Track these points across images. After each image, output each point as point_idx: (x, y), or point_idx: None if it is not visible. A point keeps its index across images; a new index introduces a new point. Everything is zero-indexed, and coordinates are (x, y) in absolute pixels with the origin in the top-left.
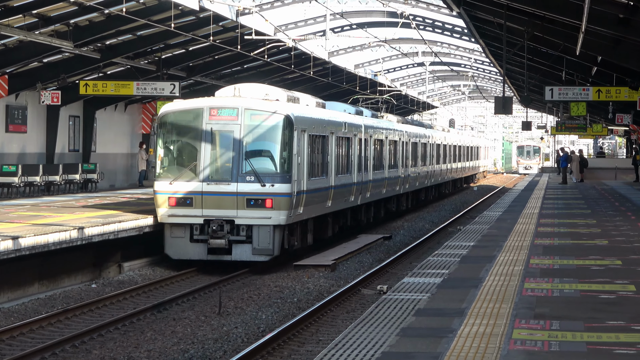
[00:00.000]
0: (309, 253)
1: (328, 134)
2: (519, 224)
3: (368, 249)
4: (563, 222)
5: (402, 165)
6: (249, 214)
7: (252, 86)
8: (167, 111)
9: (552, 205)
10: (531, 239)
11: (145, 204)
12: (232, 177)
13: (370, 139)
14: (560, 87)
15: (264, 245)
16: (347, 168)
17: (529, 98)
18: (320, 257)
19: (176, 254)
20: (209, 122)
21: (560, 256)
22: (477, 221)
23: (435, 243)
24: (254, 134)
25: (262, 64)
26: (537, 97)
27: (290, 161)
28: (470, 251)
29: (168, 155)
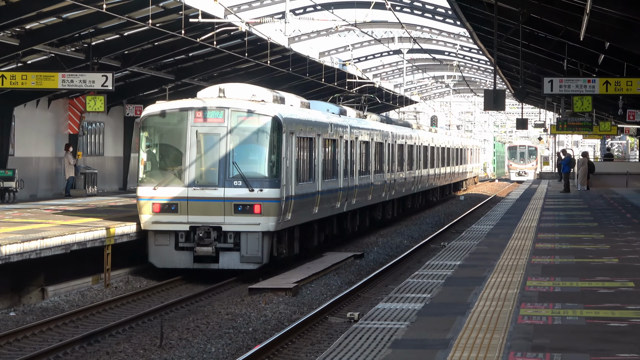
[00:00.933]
0: (295, 263)
1: (315, 136)
2: (513, 240)
3: (336, 269)
4: (565, 237)
5: (388, 169)
6: (236, 220)
7: (237, 86)
8: (149, 113)
9: (553, 218)
10: (528, 257)
11: (73, 215)
12: (218, 181)
13: (356, 140)
14: (562, 79)
15: (253, 252)
16: (333, 172)
17: (524, 91)
18: (280, 280)
19: (160, 262)
20: (194, 125)
21: (562, 277)
22: (464, 236)
23: (415, 262)
24: (242, 136)
25: (211, 52)
26: (534, 90)
27: (279, 165)
28: (457, 272)
29: (151, 160)
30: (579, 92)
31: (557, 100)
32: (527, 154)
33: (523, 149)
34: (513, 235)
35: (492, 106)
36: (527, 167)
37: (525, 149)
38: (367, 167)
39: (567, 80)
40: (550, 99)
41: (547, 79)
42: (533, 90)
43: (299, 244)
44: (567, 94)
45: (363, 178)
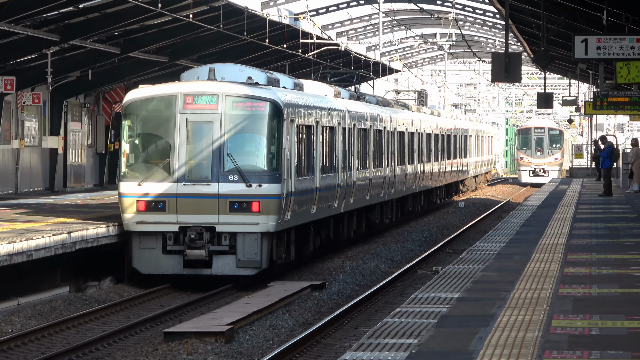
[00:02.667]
0: (291, 272)
1: (313, 123)
2: (533, 263)
3: (286, 304)
4: (606, 258)
5: (387, 163)
6: (232, 219)
7: (231, 67)
8: (132, 99)
9: (588, 232)
10: (553, 287)
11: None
12: (212, 176)
13: (354, 128)
14: (600, 37)
15: (251, 256)
16: (331, 166)
17: (548, 55)
18: (208, 320)
19: (146, 268)
20: (183, 112)
21: (601, 315)
22: (464, 258)
23: (397, 295)
24: (237, 124)
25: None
26: (561, 53)
27: (279, 157)
28: (454, 307)
29: (135, 151)
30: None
31: (594, 67)
32: (546, 140)
33: (541, 132)
34: (533, 256)
35: (502, 76)
36: (548, 161)
37: (545, 134)
38: (365, 159)
39: (608, 40)
40: (584, 66)
41: (580, 37)
42: (560, 54)
43: (295, 249)
44: (608, 58)
45: (361, 172)
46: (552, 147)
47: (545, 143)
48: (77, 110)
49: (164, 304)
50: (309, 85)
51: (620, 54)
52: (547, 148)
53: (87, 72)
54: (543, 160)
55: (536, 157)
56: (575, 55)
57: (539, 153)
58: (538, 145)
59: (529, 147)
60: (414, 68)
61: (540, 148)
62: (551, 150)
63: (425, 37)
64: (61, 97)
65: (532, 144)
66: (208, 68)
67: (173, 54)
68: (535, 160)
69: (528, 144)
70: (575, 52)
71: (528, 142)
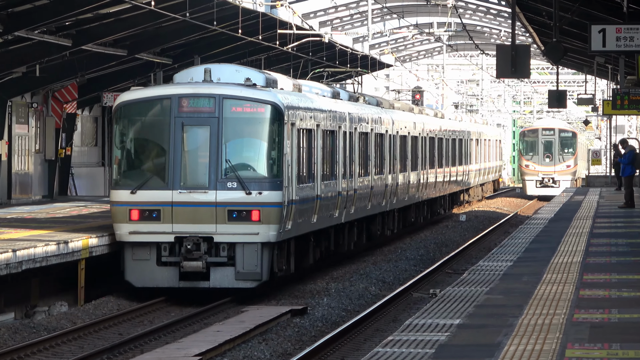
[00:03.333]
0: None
1: (314, 126)
2: (544, 284)
3: (263, 332)
4: (627, 279)
5: (390, 170)
6: (231, 229)
7: (228, 67)
8: (124, 101)
9: (607, 249)
10: (568, 312)
11: None
12: (209, 183)
13: (355, 132)
14: (619, 27)
15: (250, 268)
16: (332, 173)
17: (561, 47)
18: (173, 350)
19: (139, 280)
20: (178, 115)
21: (621, 344)
22: (465, 279)
23: (390, 321)
24: (236, 129)
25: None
26: (576, 45)
27: (280, 162)
28: (455, 336)
29: (128, 158)
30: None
31: (613, 61)
32: (557, 144)
33: (550, 135)
34: (544, 277)
35: (509, 71)
36: (559, 169)
37: (555, 136)
38: (366, 165)
39: (629, 30)
40: (601, 59)
41: (597, 27)
42: (575, 46)
43: (295, 262)
44: (629, 50)
45: (362, 180)
46: (564, 152)
47: (556, 147)
48: (22, 111)
49: (123, 332)
50: (307, 85)
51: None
52: (557, 153)
53: (35, 68)
54: (553, 168)
55: (544, 164)
56: (591, 48)
57: (548, 159)
58: (547, 150)
59: (536, 152)
60: (408, 62)
61: (549, 153)
62: (562, 156)
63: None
64: (4, 96)
65: (539, 148)
66: (204, 69)
67: (133, 47)
68: (543, 169)
69: (535, 148)
70: (592, 43)
71: (535, 146)
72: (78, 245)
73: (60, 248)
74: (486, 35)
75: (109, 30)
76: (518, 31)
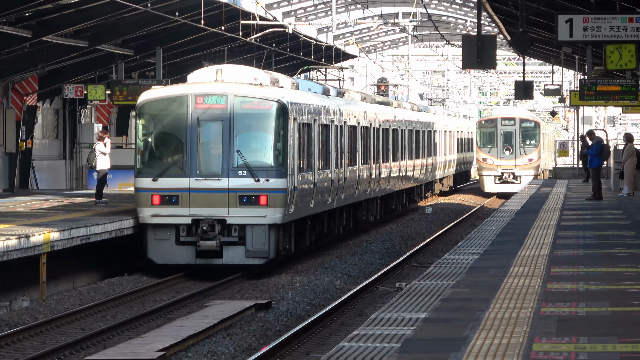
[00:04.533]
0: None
1: (312, 121)
2: (511, 277)
3: (227, 327)
4: (594, 272)
5: (373, 160)
6: (241, 212)
7: (236, 68)
8: (146, 99)
9: (575, 241)
10: (535, 305)
11: None
12: (222, 171)
13: (344, 125)
14: (587, 17)
15: (259, 246)
16: (326, 163)
17: (527, 37)
18: (137, 345)
19: (160, 258)
20: (194, 111)
21: (589, 337)
22: (432, 273)
23: (355, 315)
24: (246, 123)
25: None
26: (543, 35)
27: (285, 153)
28: (421, 330)
29: (149, 149)
30: (615, 38)
31: (581, 51)
32: (518, 136)
33: (510, 125)
34: (511, 270)
35: (475, 62)
36: (520, 163)
37: (515, 126)
38: (354, 156)
39: (596, 20)
40: (569, 49)
41: (564, 17)
42: (541, 36)
43: (295, 242)
44: (597, 41)
45: (350, 170)
46: (526, 144)
47: (516, 139)
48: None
49: (86, 328)
50: (302, 83)
51: (611, 35)
52: (518, 146)
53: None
54: (513, 162)
55: (504, 157)
56: (558, 38)
57: (508, 152)
58: (506, 141)
59: (495, 144)
60: (373, 53)
61: (509, 146)
62: (524, 148)
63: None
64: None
65: (498, 140)
66: (215, 69)
67: (94, 38)
68: (502, 162)
69: (493, 140)
70: (559, 33)
71: (493, 137)
72: (39, 239)
73: (21, 242)
74: (452, 25)
75: (69, 22)
76: (484, 21)
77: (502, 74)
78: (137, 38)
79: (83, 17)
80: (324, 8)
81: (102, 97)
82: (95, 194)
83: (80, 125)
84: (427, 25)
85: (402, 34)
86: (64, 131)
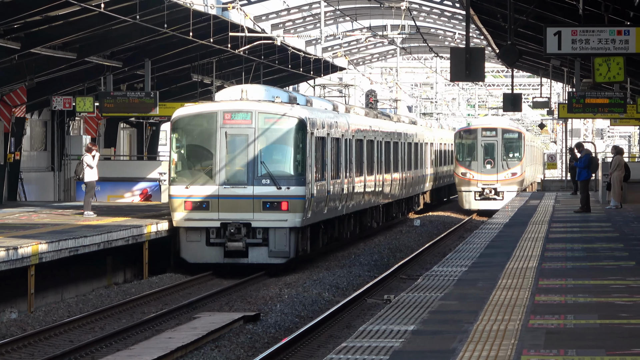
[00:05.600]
0: (243, 290)
1: (325, 135)
2: (499, 290)
3: (215, 339)
4: (582, 284)
5: (377, 170)
6: (265, 216)
7: (259, 88)
8: (180, 115)
9: (563, 254)
10: (523, 317)
11: None
12: (248, 180)
13: (352, 139)
14: (575, 30)
15: (281, 247)
16: (337, 173)
17: (515, 50)
18: (124, 358)
19: (192, 257)
20: (223, 126)
21: (577, 350)
22: (420, 285)
23: (343, 327)
24: (268, 137)
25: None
26: (531, 48)
27: (304, 164)
28: (409, 342)
29: (182, 160)
30: (604, 50)
31: (569, 64)
32: (500, 148)
33: (492, 137)
34: (499, 282)
35: (463, 74)
36: (502, 178)
37: (497, 137)
38: (361, 167)
39: (585, 32)
40: (557, 62)
41: (552, 29)
42: (530, 49)
43: (310, 244)
44: (585, 53)
45: (358, 179)
46: (509, 157)
47: (498, 152)
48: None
49: (74, 339)
50: (315, 100)
51: (599, 48)
52: (500, 159)
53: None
54: (495, 176)
55: (485, 172)
56: (547, 50)
57: (489, 166)
58: (488, 154)
59: (474, 157)
60: (361, 65)
61: (490, 159)
62: (507, 162)
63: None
64: None
65: (478, 153)
66: (240, 89)
67: (82, 50)
68: (483, 177)
69: (473, 153)
70: (547, 46)
71: (473, 150)
72: (28, 251)
73: (10, 254)
74: (440, 37)
75: (58, 33)
76: (472, 34)
77: (491, 87)
78: (126, 50)
79: (72, 29)
80: (312, 20)
81: (90, 109)
82: (84, 206)
83: (69, 137)
84: (416, 38)
85: (390, 46)
86: (52, 143)
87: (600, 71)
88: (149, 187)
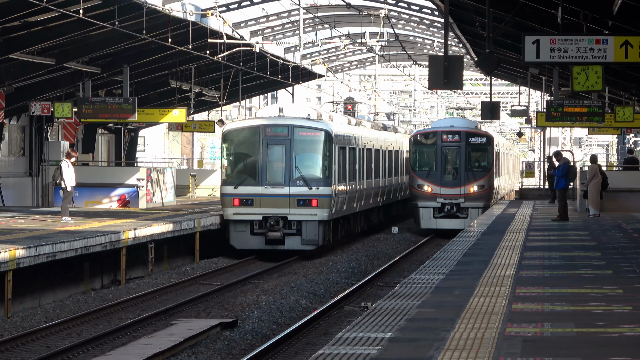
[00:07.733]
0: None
1: (345, 145)
2: (476, 297)
3: (192, 345)
4: (560, 293)
5: (382, 174)
6: (298, 211)
7: (294, 106)
8: (230, 129)
9: (540, 262)
10: (500, 326)
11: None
12: (284, 181)
13: (364, 148)
14: (553, 38)
15: (311, 236)
16: (353, 176)
17: (493, 58)
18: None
19: (239, 244)
20: (264, 138)
21: (554, 357)
22: (397, 292)
23: (321, 334)
24: (301, 146)
25: None
26: (510, 56)
27: (330, 169)
28: (386, 349)
29: (231, 165)
30: (582, 59)
31: (547, 72)
32: (463, 155)
33: (453, 141)
34: (476, 290)
35: (441, 82)
36: (466, 192)
37: (461, 143)
38: (370, 171)
39: (563, 41)
40: (535, 70)
41: (531, 38)
42: (508, 57)
43: (332, 235)
44: (563, 62)
45: (369, 182)
46: (474, 166)
47: (462, 160)
48: None
49: (51, 345)
50: (335, 115)
51: (577, 57)
52: (464, 169)
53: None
54: (458, 190)
55: (446, 184)
56: (525, 59)
57: (451, 177)
58: (449, 163)
59: (434, 167)
60: (340, 72)
61: (451, 169)
62: (472, 172)
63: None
64: None
65: (438, 161)
66: (278, 107)
67: (61, 56)
68: (444, 191)
69: (432, 161)
70: (526, 54)
71: (432, 158)
72: (5, 256)
73: None
74: (419, 45)
75: (36, 39)
76: (451, 42)
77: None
78: (105, 56)
79: (50, 34)
80: (291, 27)
81: (69, 114)
82: (61, 212)
83: (47, 142)
84: (395, 46)
85: (369, 53)
86: (30, 148)
87: (578, 80)
88: (127, 193)
